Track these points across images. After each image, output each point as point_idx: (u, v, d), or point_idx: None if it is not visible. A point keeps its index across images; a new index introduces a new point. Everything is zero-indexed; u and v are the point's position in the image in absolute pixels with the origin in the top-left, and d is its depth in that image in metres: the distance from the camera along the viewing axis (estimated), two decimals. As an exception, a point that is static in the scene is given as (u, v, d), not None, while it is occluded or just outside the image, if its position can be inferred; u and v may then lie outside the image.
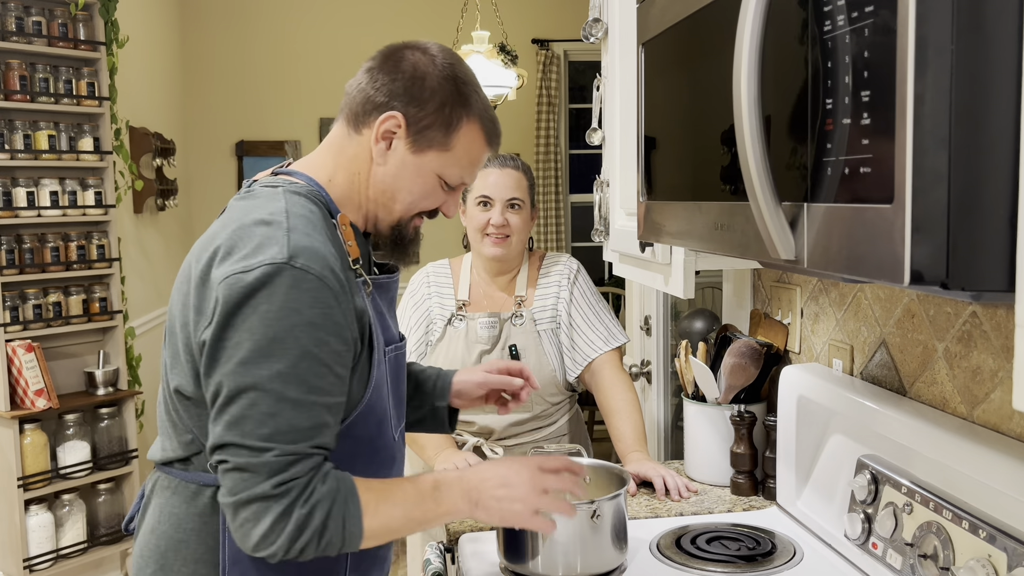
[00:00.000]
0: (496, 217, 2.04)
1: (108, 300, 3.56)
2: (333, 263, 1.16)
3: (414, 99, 1.25)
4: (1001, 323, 1.23)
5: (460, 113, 1.27)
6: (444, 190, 1.32)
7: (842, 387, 1.53)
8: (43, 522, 3.24)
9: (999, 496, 1.11)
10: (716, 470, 1.88)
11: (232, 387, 1.11)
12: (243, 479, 1.11)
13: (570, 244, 6.00)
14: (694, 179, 1.20)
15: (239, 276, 1.12)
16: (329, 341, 1.14)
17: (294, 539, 1.11)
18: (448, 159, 1.28)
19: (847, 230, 0.79)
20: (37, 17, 3.32)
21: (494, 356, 2.06)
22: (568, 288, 2.12)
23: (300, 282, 1.11)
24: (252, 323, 1.11)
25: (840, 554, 1.50)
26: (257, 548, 1.12)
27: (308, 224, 1.19)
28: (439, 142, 1.27)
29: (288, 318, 1.11)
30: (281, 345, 1.10)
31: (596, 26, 1.94)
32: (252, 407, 1.10)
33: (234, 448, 1.11)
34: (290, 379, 1.11)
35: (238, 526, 1.13)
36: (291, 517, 1.11)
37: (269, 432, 1.10)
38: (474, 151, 1.31)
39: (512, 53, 4.31)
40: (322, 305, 1.13)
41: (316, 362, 1.12)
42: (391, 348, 1.32)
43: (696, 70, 1.17)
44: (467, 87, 1.28)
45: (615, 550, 1.48)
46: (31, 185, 3.31)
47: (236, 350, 1.11)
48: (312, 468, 1.14)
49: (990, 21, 0.68)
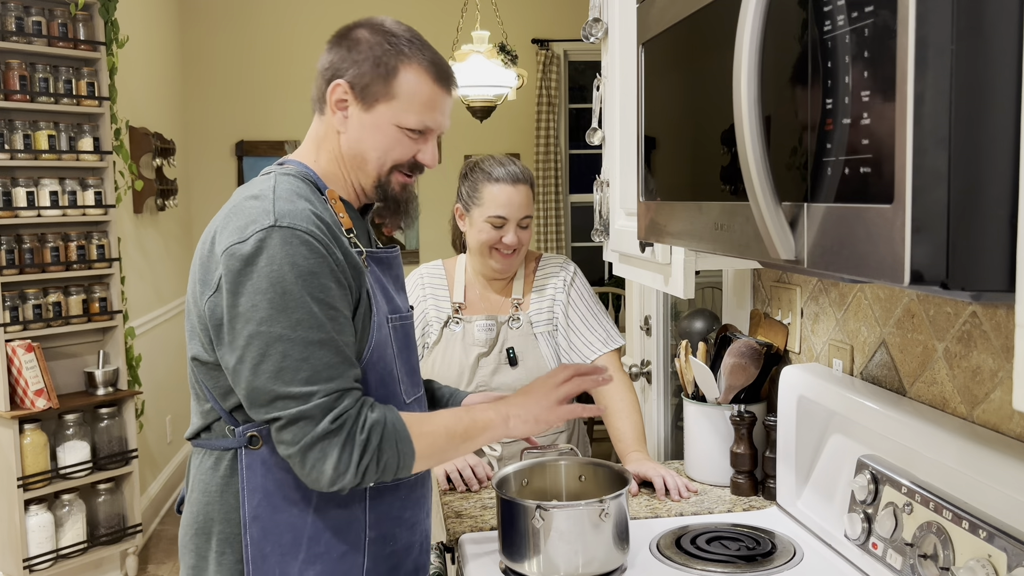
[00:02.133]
0: (510, 237, 2.03)
1: (108, 300, 3.56)
2: (319, 223, 1.26)
3: (352, 63, 1.35)
4: (1001, 323, 1.23)
5: (394, 62, 1.34)
6: (411, 138, 1.37)
7: (842, 387, 1.53)
8: (43, 522, 3.24)
9: (999, 496, 1.11)
10: (716, 470, 1.88)
11: (262, 344, 1.22)
12: (301, 427, 1.22)
13: (570, 244, 6.00)
14: (694, 179, 1.20)
15: (237, 247, 1.23)
16: (331, 286, 1.25)
17: (359, 463, 1.23)
18: (397, 106, 1.35)
19: (847, 230, 0.79)
20: (37, 17, 3.32)
21: (491, 359, 2.05)
22: (565, 291, 2.11)
23: (290, 238, 1.23)
24: (259, 284, 1.22)
25: (840, 554, 1.50)
26: (332, 482, 1.23)
27: (293, 195, 1.30)
28: (383, 93, 1.34)
29: (291, 271, 1.22)
30: (292, 296, 1.22)
31: (596, 26, 1.94)
32: (285, 357, 1.21)
33: (281, 401, 1.22)
34: (310, 324, 1.22)
35: (309, 470, 1.23)
36: (354, 444, 1.23)
37: (307, 375, 1.22)
38: (422, 92, 1.36)
39: (512, 53, 4.31)
40: (316, 255, 1.24)
41: (326, 305, 1.24)
42: (396, 316, 1.40)
43: (696, 70, 1.17)
44: (396, 38, 1.36)
45: (617, 550, 1.48)
46: (31, 185, 3.31)
47: (254, 311, 1.22)
48: (358, 400, 1.26)
49: (990, 21, 0.68)
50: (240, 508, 1.31)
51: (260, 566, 1.31)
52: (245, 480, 1.31)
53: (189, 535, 1.38)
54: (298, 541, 1.31)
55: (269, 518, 1.31)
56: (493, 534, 1.63)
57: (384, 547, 1.37)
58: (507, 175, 2.03)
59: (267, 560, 1.31)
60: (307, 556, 1.31)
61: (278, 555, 1.31)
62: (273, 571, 1.31)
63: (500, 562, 1.54)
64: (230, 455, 1.32)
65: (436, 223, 5.87)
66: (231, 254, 1.23)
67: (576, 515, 1.44)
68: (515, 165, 2.06)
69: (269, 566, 1.31)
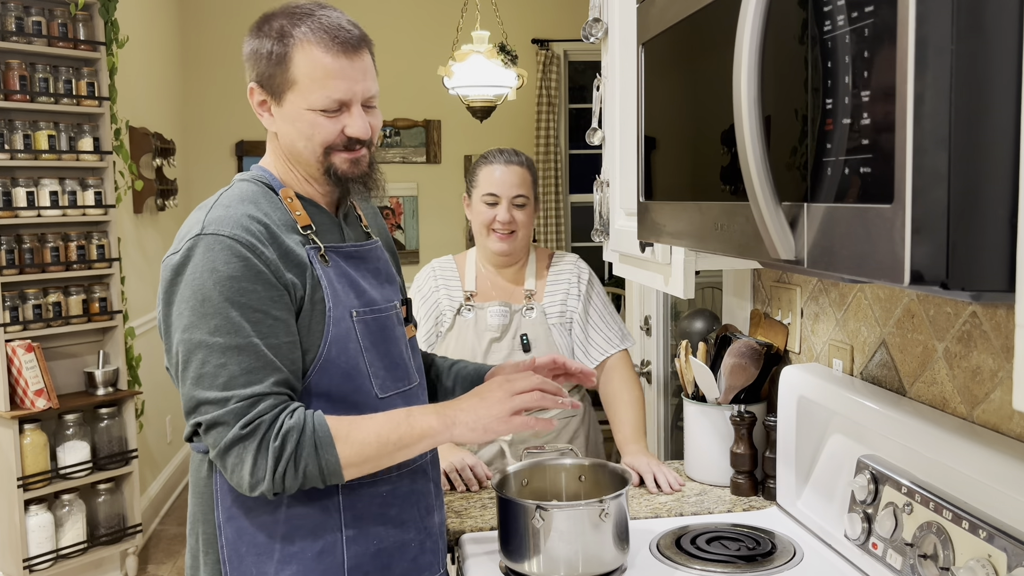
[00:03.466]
0: (502, 214, 2.07)
1: (108, 300, 3.56)
2: (251, 224, 1.27)
3: (254, 65, 1.35)
4: (1001, 323, 1.23)
5: (284, 48, 1.31)
6: (328, 116, 1.32)
7: (842, 387, 1.53)
8: (43, 522, 3.24)
9: (999, 496, 1.11)
10: (716, 470, 1.88)
11: (184, 351, 1.25)
12: (218, 432, 1.23)
13: (570, 244, 6.00)
14: (694, 179, 1.20)
15: (171, 258, 1.28)
16: (255, 289, 1.25)
17: (274, 469, 1.22)
18: (301, 90, 1.31)
19: (847, 230, 0.79)
20: (37, 17, 3.32)
21: (504, 345, 2.08)
22: (584, 286, 2.16)
23: (212, 245, 1.24)
24: (183, 293, 1.25)
25: (840, 554, 1.50)
26: (252, 487, 1.24)
27: (237, 199, 1.31)
28: (286, 82, 1.32)
29: (209, 277, 1.23)
30: (210, 303, 1.23)
31: (596, 26, 1.94)
32: (204, 364, 1.23)
33: (204, 406, 1.24)
34: (228, 329, 1.23)
35: (230, 474, 1.25)
36: (268, 450, 1.22)
37: (225, 380, 1.23)
38: (317, 67, 1.30)
39: (512, 53, 4.31)
40: (238, 258, 1.24)
41: (247, 309, 1.24)
42: (366, 310, 1.37)
43: (696, 70, 1.17)
44: (274, 21, 1.33)
45: (617, 550, 1.48)
46: (31, 185, 3.31)
47: (179, 319, 1.25)
48: (277, 406, 1.25)
49: (990, 21, 0.68)
50: (214, 509, 1.33)
51: (237, 566, 1.32)
52: (217, 483, 1.32)
53: (188, 535, 1.41)
54: (272, 541, 1.31)
55: (242, 518, 1.31)
56: (493, 534, 1.63)
57: (367, 545, 1.35)
58: (501, 156, 2.11)
59: (243, 560, 1.31)
60: (282, 556, 1.31)
61: (254, 555, 1.31)
62: (250, 571, 1.31)
63: (500, 562, 1.54)
64: (209, 458, 1.33)
65: (436, 223, 5.88)
66: (166, 265, 1.29)
67: (576, 515, 1.44)
68: (513, 152, 2.14)
69: (246, 566, 1.31)
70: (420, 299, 2.18)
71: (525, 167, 2.12)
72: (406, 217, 5.85)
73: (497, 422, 1.31)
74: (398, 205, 5.82)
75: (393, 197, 5.82)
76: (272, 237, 1.28)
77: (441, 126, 5.78)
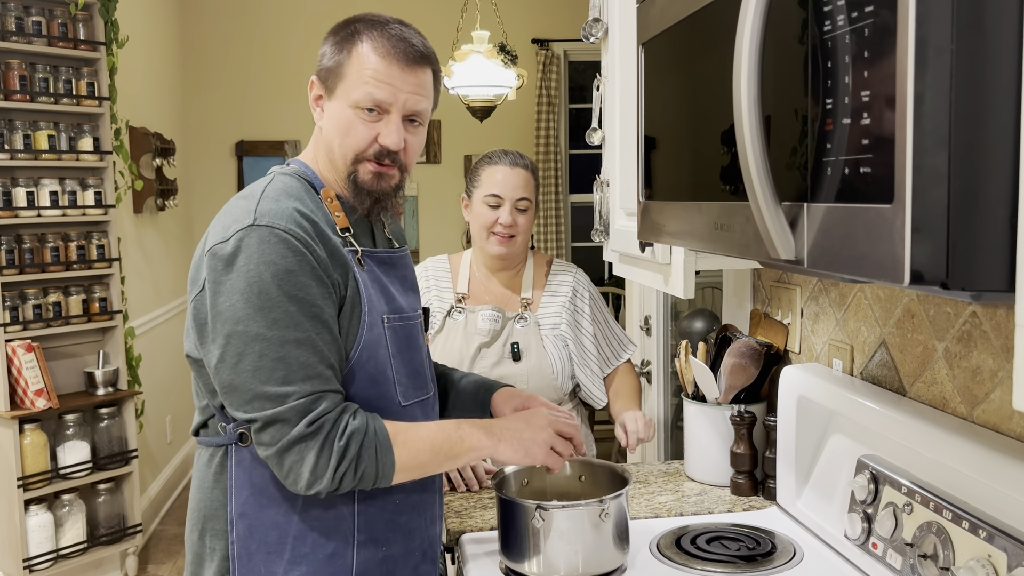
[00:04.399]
0: (505, 217, 2.06)
1: (108, 300, 3.56)
2: (302, 220, 1.26)
3: (320, 60, 1.37)
4: (1001, 323, 1.23)
5: (348, 44, 1.33)
6: (365, 119, 1.32)
7: (842, 387, 1.53)
8: (43, 522, 3.24)
9: (999, 496, 1.11)
10: (716, 470, 1.88)
11: (240, 343, 1.22)
12: (278, 429, 1.22)
13: (570, 244, 6.00)
14: (694, 179, 1.20)
15: (219, 247, 1.25)
16: (310, 284, 1.24)
17: (336, 469, 1.23)
18: (348, 85, 1.33)
19: (847, 230, 0.79)
20: (37, 17, 3.32)
21: (493, 351, 2.06)
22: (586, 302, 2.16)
23: (268, 237, 1.23)
24: (237, 284, 1.22)
25: (840, 554, 1.50)
26: (309, 486, 1.23)
27: (283, 194, 1.30)
28: (339, 76, 1.34)
29: (267, 270, 1.22)
30: (268, 296, 1.22)
31: (596, 26, 1.94)
32: (262, 357, 1.21)
33: (259, 402, 1.22)
34: (287, 323, 1.22)
35: (287, 472, 1.24)
36: (332, 450, 1.22)
37: (284, 374, 1.21)
38: (368, 65, 1.31)
39: (512, 53, 4.31)
40: (294, 253, 1.23)
41: (305, 303, 1.23)
42: (395, 317, 1.38)
43: (696, 70, 1.17)
44: (356, 22, 1.35)
45: (617, 550, 1.48)
46: (31, 185, 3.31)
47: (232, 311, 1.23)
48: (338, 404, 1.25)
49: (990, 21, 0.68)
50: (227, 504, 1.32)
51: (246, 564, 1.31)
52: (233, 477, 1.31)
53: (188, 531, 1.39)
54: (283, 540, 1.30)
55: (255, 516, 1.31)
56: (493, 534, 1.63)
57: (376, 551, 1.35)
58: (507, 158, 2.10)
59: (253, 558, 1.31)
60: (292, 556, 1.30)
61: (264, 553, 1.30)
62: (259, 569, 1.31)
63: (500, 562, 1.54)
64: (222, 451, 1.33)
65: (436, 223, 5.88)
66: (213, 254, 1.26)
67: (576, 515, 1.44)
68: (518, 154, 2.13)
69: (255, 564, 1.31)
70: None
71: (529, 171, 2.11)
72: (406, 217, 5.85)
73: (538, 448, 1.39)
74: (398, 205, 5.83)
75: (393, 197, 5.82)
76: (320, 235, 1.28)
77: (441, 126, 5.78)
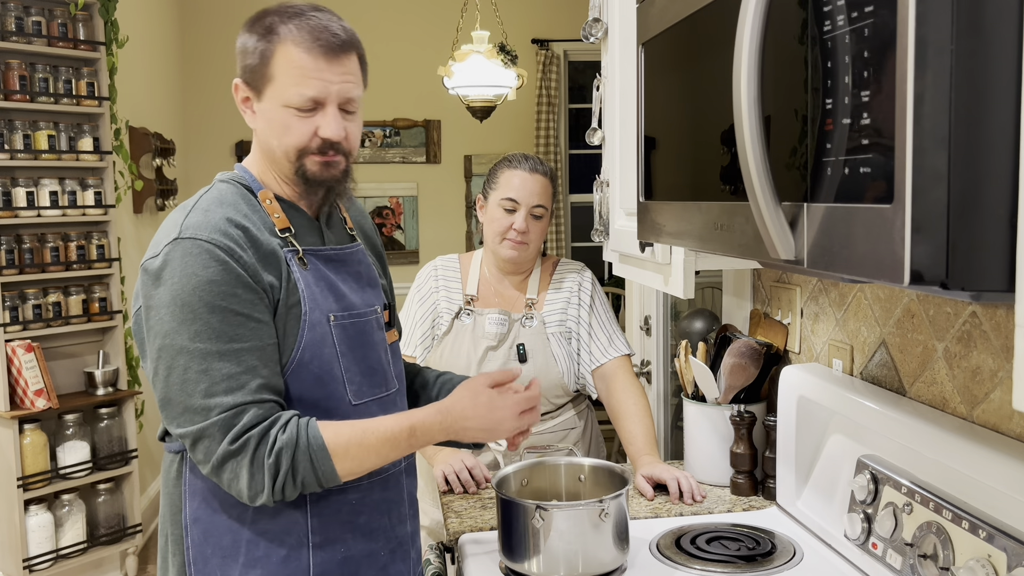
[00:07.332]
0: (519, 223, 2.04)
1: (108, 300, 3.56)
2: (229, 228, 1.26)
3: (241, 60, 1.35)
4: (1001, 323, 1.23)
5: (266, 46, 1.30)
6: (301, 116, 1.30)
7: (842, 387, 1.53)
8: (43, 522, 3.24)
9: (999, 496, 1.11)
10: (716, 470, 1.88)
11: (167, 357, 1.23)
12: (206, 446, 1.22)
13: (570, 244, 6.00)
14: (694, 179, 1.20)
15: (150, 261, 1.27)
16: (236, 292, 1.23)
17: (272, 484, 1.22)
18: (277, 87, 1.30)
19: (847, 230, 0.79)
20: (37, 17, 3.32)
21: (500, 354, 2.05)
22: (579, 295, 2.13)
23: (190, 250, 1.23)
24: (164, 297, 1.24)
25: (840, 554, 1.50)
26: (252, 499, 1.23)
27: (213, 203, 1.30)
28: (265, 77, 1.31)
29: (188, 282, 1.22)
30: (190, 308, 1.22)
31: (596, 26, 1.94)
32: (187, 370, 1.22)
33: (187, 415, 1.22)
34: (208, 335, 1.22)
35: (228, 487, 1.24)
36: (263, 467, 1.22)
37: (206, 386, 1.21)
38: (294, 63, 1.28)
39: (512, 53, 4.31)
40: (217, 262, 1.23)
41: (228, 313, 1.23)
42: (344, 315, 1.36)
43: (696, 70, 1.17)
44: (265, 18, 1.32)
45: (616, 550, 1.48)
46: (31, 185, 3.31)
47: (160, 324, 1.24)
48: (265, 416, 1.23)
49: (990, 21, 0.68)
50: (182, 510, 1.32)
51: (202, 568, 1.31)
52: (187, 482, 1.32)
53: (159, 535, 1.40)
54: (237, 544, 1.30)
55: (208, 520, 1.31)
56: (493, 534, 1.63)
57: (333, 552, 1.33)
58: (526, 163, 2.07)
59: (208, 563, 1.31)
60: (247, 560, 1.30)
61: (219, 558, 1.30)
62: (214, 573, 1.31)
63: (500, 562, 1.54)
64: (179, 457, 1.34)
65: (436, 223, 5.87)
66: (145, 269, 1.27)
67: (576, 515, 1.44)
68: (538, 160, 2.11)
69: (210, 569, 1.30)
70: (418, 299, 2.15)
71: (548, 178, 2.08)
72: (406, 217, 5.85)
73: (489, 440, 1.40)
74: (398, 205, 5.83)
75: (393, 197, 5.82)
76: (251, 240, 1.27)
77: (441, 126, 5.78)
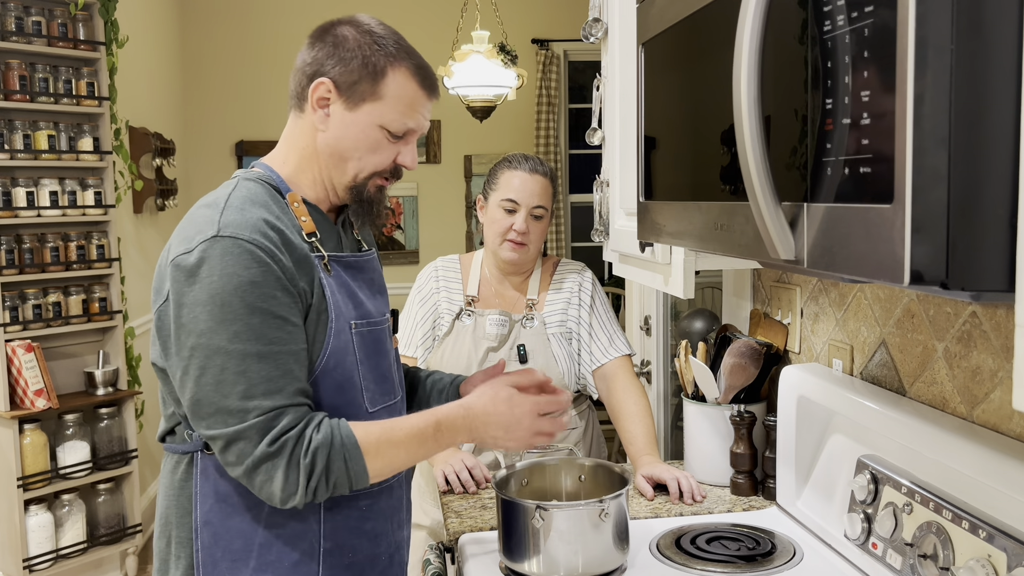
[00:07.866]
0: (519, 223, 2.03)
1: (108, 300, 3.56)
2: (267, 230, 1.25)
3: (339, 61, 1.32)
4: (1001, 323, 1.23)
5: (383, 62, 1.32)
6: (391, 140, 1.35)
7: (842, 387, 1.53)
8: (43, 522, 3.24)
9: (999, 496, 1.11)
10: (716, 470, 1.88)
11: (202, 357, 1.21)
12: (241, 448, 1.21)
13: (570, 244, 6.00)
14: (694, 179, 1.20)
15: (183, 257, 1.24)
16: (275, 295, 1.23)
17: (307, 485, 1.22)
18: (383, 107, 1.32)
19: (847, 230, 0.79)
20: (37, 17, 3.32)
21: (501, 354, 2.06)
22: (588, 294, 2.13)
23: (231, 248, 1.21)
24: (200, 296, 1.21)
25: (840, 554, 1.50)
26: (284, 502, 1.23)
27: (247, 202, 1.29)
28: (370, 93, 1.32)
29: (230, 282, 1.20)
30: (230, 308, 1.20)
31: (596, 26, 1.94)
32: (223, 371, 1.20)
33: (221, 416, 1.21)
34: (248, 336, 1.21)
35: (259, 489, 1.23)
36: (299, 468, 1.21)
37: (244, 388, 1.20)
38: (407, 94, 1.34)
39: (512, 53, 4.31)
40: (258, 264, 1.22)
41: (268, 315, 1.22)
42: (363, 322, 1.37)
43: (696, 70, 1.17)
44: (385, 39, 1.34)
45: (616, 550, 1.48)
46: (31, 185, 3.31)
47: (195, 323, 1.21)
48: (300, 418, 1.23)
49: (990, 21, 0.68)
50: (192, 513, 1.31)
51: (211, 571, 1.30)
52: (198, 484, 1.30)
53: (156, 537, 1.39)
54: (249, 548, 1.29)
55: (220, 523, 1.29)
56: (493, 534, 1.63)
57: (341, 558, 1.34)
58: (526, 163, 2.07)
59: (217, 566, 1.29)
60: (258, 564, 1.29)
61: (228, 561, 1.29)
62: None
63: (500, 562, 1.54)
64: (187, 459, 1.32)
65: (436, 223, 5.87)
66: (177, 265, 1.24)
67: (576, 515, 1.44)
68: (538, 160, 2.10)
69: (220, 572, 1.29)
70: (419, 301, 2.15)
71: (548, 178, 2.08)
72: (406, 217, 5.85)
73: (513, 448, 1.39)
74: (398, 205, 5.82)
75: (393, 197, 5.81)
76: (286, 243, 1.27)
77: (441, 126, 5.78)
